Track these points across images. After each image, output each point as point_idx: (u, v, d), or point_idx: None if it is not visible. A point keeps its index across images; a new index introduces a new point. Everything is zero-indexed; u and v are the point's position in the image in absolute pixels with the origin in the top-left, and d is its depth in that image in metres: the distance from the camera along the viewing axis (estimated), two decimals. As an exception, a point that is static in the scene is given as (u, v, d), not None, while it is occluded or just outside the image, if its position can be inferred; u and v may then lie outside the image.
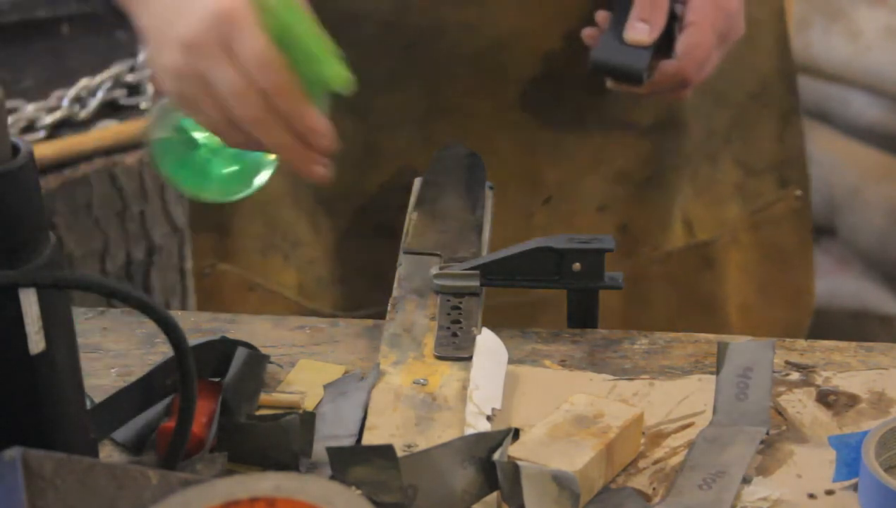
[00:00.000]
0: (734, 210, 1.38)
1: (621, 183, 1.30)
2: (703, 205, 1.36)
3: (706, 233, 1.36)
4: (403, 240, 1.12)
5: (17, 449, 0.73)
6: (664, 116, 1.29)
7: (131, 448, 0.94)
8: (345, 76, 0.99)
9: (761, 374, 0.98)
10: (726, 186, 1.37)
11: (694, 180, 1.35)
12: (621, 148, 1.28)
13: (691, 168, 1.34)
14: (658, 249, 1.34)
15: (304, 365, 1.03)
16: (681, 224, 1.34)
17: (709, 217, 1.37)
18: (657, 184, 1.32)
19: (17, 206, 0.78)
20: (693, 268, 1.36)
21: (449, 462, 0.83)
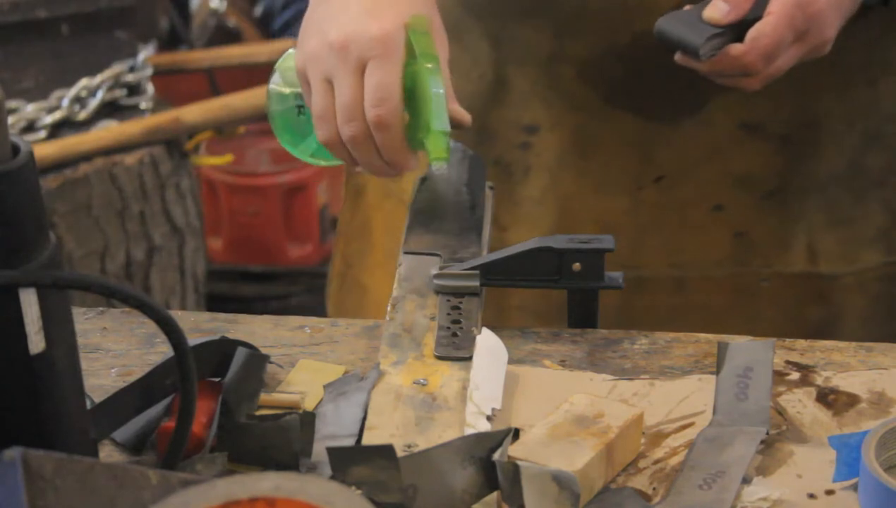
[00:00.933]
0: (872, 255, 1.33)
1: (742, 187, 1.27)
2: (836, 239, 1.32)
3: (831, 266, 1.32)
4: (403, 240, 1.12)
5: (17, 449, 0.73)
6: (795, 131, 1.26)
7: (131, 448, 0.94)
8: (442, 156, 1.04)
9: (761, 374, 0.98)
10: (869, 228, 1.33)
11: (830, 211, 1.30)
12: (743, 148, 1.26)
13: (827, 198, 1.30)
14: (771, 266, 1.31)
15: (304, 365, 1.03)
16: (804, 249, 1.31)
17: (839, 253, 1.32)
18: (782, 201, 1.28)
19: (17, 206, 0.78)
20: (806, 299, 1.32)
21: (449, 462, 0.83)
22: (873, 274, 1.34)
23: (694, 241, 1.28)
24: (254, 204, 2.80)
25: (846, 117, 1.27)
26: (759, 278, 1.30)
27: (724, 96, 1.23)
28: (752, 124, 1.25)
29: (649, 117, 1.24)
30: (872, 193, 1.32)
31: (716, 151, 1.26)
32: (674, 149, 1.25)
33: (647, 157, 1.26)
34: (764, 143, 1.26)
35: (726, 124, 1.24)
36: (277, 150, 2.90)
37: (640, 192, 1.26)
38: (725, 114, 1.24)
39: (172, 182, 2.25)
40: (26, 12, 2.15)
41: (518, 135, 1.27)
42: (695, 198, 1.27)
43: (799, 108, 1.25)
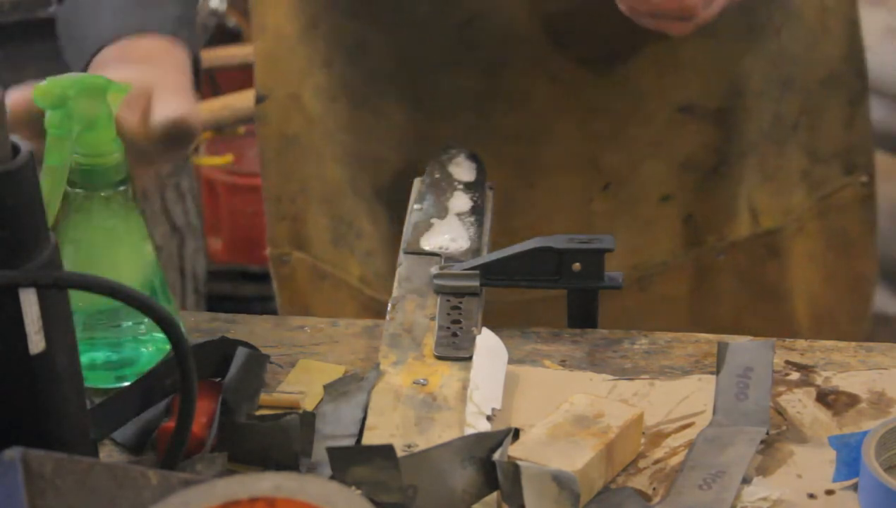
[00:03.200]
0: (800, 198, 1.36)
1: (686, 171, 1.28)
2: (769, 194, 1.34)
3: (772, 221, 1.34)
4: (403, 240, 1.12)
5: (17, 449, 0.73)
6: (729, 102, 1.27)
7: (131, 448, 0.94)
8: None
9: (761, 374, 0.98)
10: (792, 174, 1.35)
11: (761, 168, 1.32)
12: (684, 134, 1.26)
13: (758, 156, 1.31)
14: (723, 239, 1.32)
15: (304, 365, 1.03)
16: (746, 212, 1.32)
17: (775, 205, 1.34)
18: (724, 173, 1.29)
19: (17, 206, 0.77)
20: (759, 258, 1.34)
21: (449, 462, 0.83)
22: (807, 215, 1.36)
23: (647, 237, 1.28)
24: (254, 204, 2.79)
25: (763, 73, 1.27)
26: (715, 253, 1.31)
27: (659, 83, 1.22)
28: (688, 106, 1.25)
29: (593, 127, 1.24)
30: (790, 139, 1.34)
31: (658, 144, 1.26)
32: (617, 154, 1.25)
33: (592, 169, 1.25)
34: (701, 122, 1.26)
35: (664, 114, 1.24)
36: (277, 150, 2.90)
37: (591, 204, 1.26)
38: (661, 104, 1.24)
39: (172, 182, 2.25)
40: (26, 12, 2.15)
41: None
42: (643, 194, 1.27)
43: (726, 78, 1.25)
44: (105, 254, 1.02)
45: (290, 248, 1.42)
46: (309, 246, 1.41)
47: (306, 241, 1.41)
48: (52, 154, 0.96)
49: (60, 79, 0.97)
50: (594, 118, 1.24)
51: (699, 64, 1.22)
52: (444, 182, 1.17)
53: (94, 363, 1.02)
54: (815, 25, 1.32)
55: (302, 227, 1.41)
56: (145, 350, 1.03)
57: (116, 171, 1.00)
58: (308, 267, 1.42)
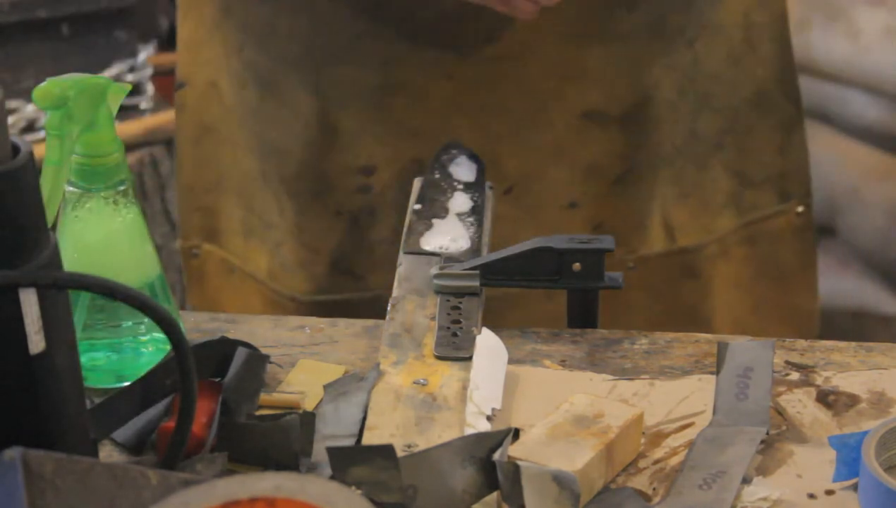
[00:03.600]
0: (726, 220, 1.34)
1: (592, 178, 1.27)
2: (688, 211, 1.32)
3: (689, 239, 1.32)
4: (403, 240, 1.12)
5: (17, 449, 0.73)
6: (633, 109, 1.25)
7: (131, 448, 0.94)
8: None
9: (761, 374, 0.98)
10: (717, 194, 1.33)
11: (677, 183, 1.31)
12: (587, 139, 1.25)
13: (673, 170, 1.30)
14: (634, 252, 1.30)
15: (304, 365, 1.03)
16: (660, 228, 1.31)
17: (694, 224, 1.32)
18: (632, 183, 1.28)
19: (17, 206, 0.78)
20: (674, 276, 1.32)
21: (449, 462, 0.83)
22: (733, 239, 1.34)
23: None
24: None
25: (675, 85, 1.26)
26: (626, 267, 1.30)
27: (560, 88, 1.22)
28: (590, 112, 1.24)
29: (489, 128, 1.23)
30: (713, 158, 1.31)
31: (560, 149, 1.25)
32: (517, 157, 1.24)
33: (492, 171, 1.24)
34: (605, 129, 1.25)
35: (566, 119, 1.23)
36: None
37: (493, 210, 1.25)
38: (563, 108, 1.23)
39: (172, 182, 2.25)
40: (26, 12, 2.15)
41: (355, 179, 1.25)
42: (547, 199, 1.26)
43: (631, 86, 1.24)
44: (105, 254, 1.02)
45: (200, 240, 1.41)
46: (220, 238, 1.40)
47: (218, 234, 1.40)
48: (52, 154, 0.97)
49: (60, 79, 0.97)
50: (490, 118, 1.23)
51: (602, 69, 1.21)
52: (444, 182, 1.17)
53: (94, 363, 1.02)
54: (738, 42, 1.30)
55: (214, 219, 1.40)
56: (145, 350, 1.03)
57: (116, 171, 1.00)
58: (217, 260, 1.41)
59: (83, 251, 1.00)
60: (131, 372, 1.00)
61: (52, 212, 0.97)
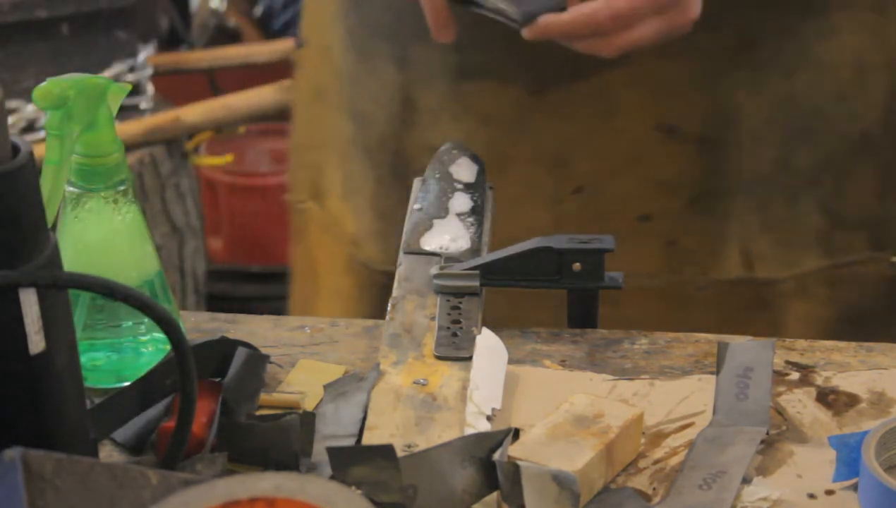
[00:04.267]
0: (811, 259, 1.30)
1: (666, 194, 1.25)
2: (771, 242, 1.29)
3: (769, 271, 1.29)
4: (403, 240, 1.12)
5: (17, 449, 0.73)
6: (711, 131, 1.24)
7: (131, 448, 0.94)
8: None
9: (761, 374, 0.98)
10: (806, 230, 1.29)
11: (762, 212, 1.28)
12: (662, 153, 1.24)
13: (757, 198, 1.27)
14: (706, 274, 1.28)
15: (304, 365, 1.03)
16: (738, 254, 1.28)
17: (776, 256, 1.29)
18: (708, 204, 1.26)
19: (17, 206, 0.78)
20: (746, 306, 1.29)
21: (449, 462, 0.83)
22: (815, 278, 1.30)
23: (623, 253, 1.25)
24: (254, 204, 2.80)
25: (764, 113, 1.24)
26: (696, 287, 1.28)
27: (637, 97, 1.21)
28: (666, 126, 1.23)
29: (562, 127, 1.22)
30: (806, 194, 1.28)
31: (634, 158, 1.23)
32: (591, 159, 1.23)
33: (563, 169, 1.24)
34: (682, 146, 1.24)
35: (641, 128, 1.22)
36: (277, 150, 2.91)
37: (561, 206, 1.24)
38: (639, 116, 1.22)
39: (172, 182, 2.25)
40: (26, 12, 2.14)
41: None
42: (618, 208, 1.25)
43: (711, 106, 1.22)
44: (105, 254, 1.02)
45: (305, 197, 1.45)
46: (322, 197, 1.44)
47: (321, 192, 1.44)
48: (52, 154, 0.97)
49: (60, 79, 0.97)
50: (565, 116, 1.22)
51: (680, 84, 1.19)
52: (444, 182, 1.17)
53: (94, 363, 1.02)
54: (847, 81, 1.27)
55: (319, 178, 1.43)
56: (145, 350, 1.03)
57: (116, 171, 1.00)
58: (317, 217, 1.44)
59: (83, 251, 1.00)
60: (131, 372, 1.00)
61: (52, 212, 0.97)
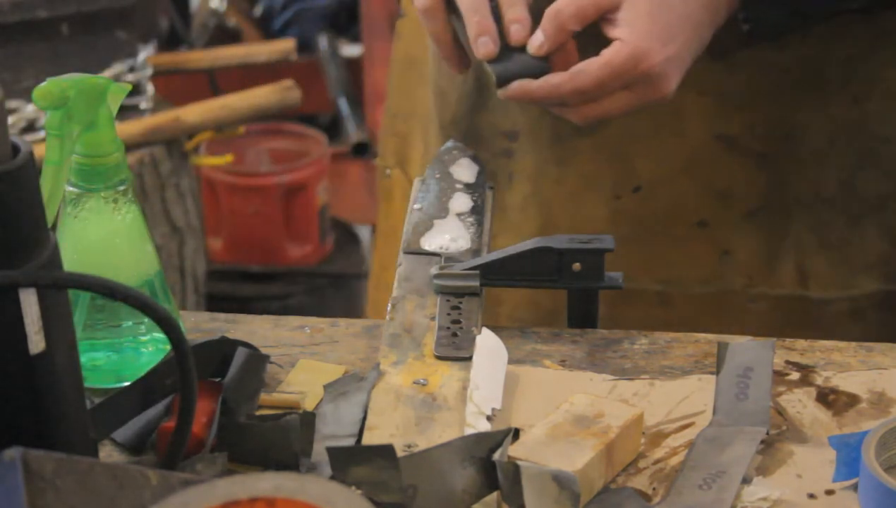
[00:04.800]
0: (869, 282, 1.30)
1: (723, 203, 1.26)
2: (828, 263, 1.29)
3: (823, 291, 1.29)
4: (403, 240, 1.12)
5: (17, 449, 0.73)
6: (773, 146, 1.24)
7: (131, 448, 0.94)
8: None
9: (761, 374, 0.98)
10: (866, 254, 1.29)
11: (821, 232, 1.28)
12: (721, 162, 1.24)
13: (817, 218, 1.27)
14: (758, 287, 1.28)
15: (304, 365, 1.03)
16: (793, 271, 1.28)
17: (832, 276, 1.29)
18: (765, 218, 1.26)
19: (17, 206, 0.78)
20: (797, 323, 1.28)
21: (449, 462, 0.83)
22: (869, 301, 1.30)
23: (678, 257, 1.26)
24: (254, 204, 2.80)
25: (828, 134, 1.24)
26: (747, 298, 1.28)
27: (700, 104, 1.21)
28: (727, 136, 1.23)
29: (626, 122, 1.22)
30: (869, 218, 1.28)
31: (693, 163, 1.24)
32: (651, 159, 1.24)
33: (624, 166, 1.24)
34: (742, 158, 1.24)
35: (701, 135, 1.22)
36: (277, 150, 2.91)
37: (619, 202, 1.24)
38: (700, 123, 1.22)
39: (172, 182, 2.25)
40: (26, 12, 2.14)
41: (501, 141, 1.26)
42: (676, 211, 1.25)
43: (774, 122, 1.22)
44: (105, 254, 1.02)
45: (393, 162, 1.47)
46: (407, 165, 1.46)
47: (407, 161, 1.46)
48: (51, 154, 0.97)
49: (60, 79, 0.97)
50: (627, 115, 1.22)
51: (741, 96, 1.19)
52: (444, 182, 1.17)
53: (94, 363, 1.02)
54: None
55: (406, 146, 1.45)
56: (145, 350, 1.03)
57: (116, 171, 1.00)
58: (403, 184, 1.45)
59: (83, 251, 1.00)
60: (131, 372, 1.00)
61: (52, 212, 0.97)
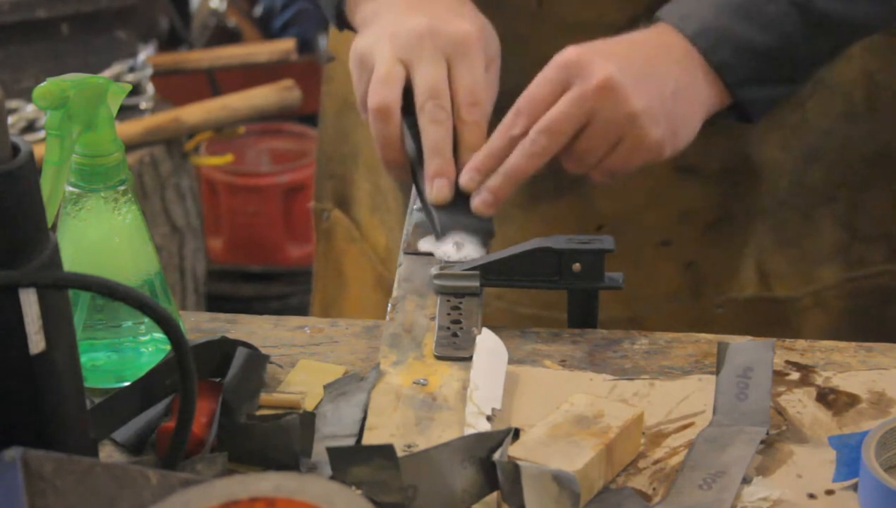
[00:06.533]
0: (829, 272, 1.31)
1: (685, 222, 1.26)
2: (788, 261, 1.30)
3: (786, 289, 1.30)
4: (403, 241, 1.12)
5: (17, 449, 0.73)
6: (731, 166, 1.25)
7: (131, 448, 0.94)
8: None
9: (761, 374, 0.98)
10: (822, 245, 1.31)
11: (778, 232, 1.29)
12: (683, 188, 1.25)
13: (774, 219, 1.29)
14: (723, 293, 1.29)
15: (304, 365, 1.03)
16: (754, 273, 1.29)
17: (793, 274, 1.30)
18: (726, 229, 1.27)
19: (17, 206, 0.78)
20: (764, 322, 1.30)
21: (449, 462, 0.83)
22: (833, 292, 1.32)
23: (644, 278, 1.25)
24: (254, 204, 2.80)
25: (779, 142, 1.25)
26: (715, 305, 1.29)
27: None
28: (687, 167, 1.23)
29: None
30: (821, 210, 1.29)
31: (655, 196, 1.24)
32: (613, 199, 1.24)
33: (586, 207, 1.24)
34: (701, 182, 1.24)
35: (661, 169, 1.22)
36: (277, 150, 2.91)
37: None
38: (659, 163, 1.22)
39: (172, 182, 2.25)
40: (26, 12, 2.15)
41: None
42: (639, 239, 1.25)
43: (731, 147, 1.23)
44: (105, 254, 1.02)
45: (332, 205, 1.46)
46: (350, 207, 1.45)
47: (348, 202, 1.45)
48: (51, 154, 0.97)
49: (60, 79, 0.97)
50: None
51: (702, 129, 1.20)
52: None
53: (94, 363, 1.02)
54: (858, 101, 1.28)
55: (346, 188, 1.45)
56: (145, 350, 1.04)
57: (116, 171, 1.00)
58: (344, 227, 1.45)
59: (83, 251, 1.00)
60: (131, 372, 1.00)
61: (52, 212, 0.97)
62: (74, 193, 1.00)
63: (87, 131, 0.98)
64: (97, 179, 1.00)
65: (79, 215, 1.00)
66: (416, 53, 1.10)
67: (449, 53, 1.10)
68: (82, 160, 0.99)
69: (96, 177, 0.99)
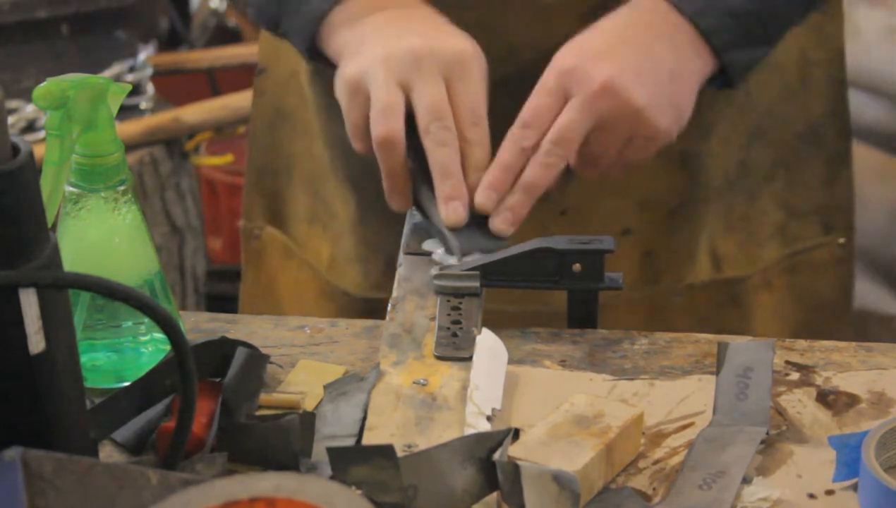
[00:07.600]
0: (771, 251, 1.34)
1: (648, 209, 1.27)
2: (736, 243, 1.32)
3: (735, 270, 1.32)
4: (403, 242, 1.12)
5: (17, 449, 0.73)
6: (695, 145, 1.26)
7: (131, 448, 0.94)
8: None
9: (761, 374, 0.98)
10: (765, 226, 1.33)
11: (726, 215, 1.31)
12: (646, 173, 1.25)
13: (723, 202, 1.30)
14: (680, 281, 1.31)
15: (304, 365, 1.03)
16: (707, 257, 1.31)
17: (741, 255, 1.33)
18: (685, 215, 1.29)
19: (17, 206, 0.78)
20: (717, 304, 1.32)
21: (449, 462, 0.83)
22: (776, 268, 1.34)
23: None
24: (254, 204, 2.79)
25: (729, 119, 1.26)
26: (673, 294, 1.30)
27: None
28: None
29: None
30: (763, 191, 1.32)
31: (617, 183, 1.24)
32: (576, 188, 1.24)
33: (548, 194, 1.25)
34: (665, 164, 1.25)
35: None
36: (277, 150, 2.90)
37: (547, 229, 1.24)
38: None
39: (172, 182, 2.25)
40: (26, 12, 2.15)
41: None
42: (602, 226, 1.25)
43: (689, 129, 1.24)
44: (105, 254, 1.02)
45: (263, 223, 1.43)
46: (284, 223, 1.42)
47: (282, 218, 1.42)
48: (51, 154, 0.97)
49: (60, 79, 0.97)
50: None
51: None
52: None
53: (94, 363, 1.02)
54: (794, 79, 1.31)
55: (280, 204, 1.42)
56: (145, 350, 1.04)
57: (116, 171, 1.00)
58: (278, 243, 1.42)
59: (83, 251, 1.00)
60: (131, 372, 1.00)
61: (52, 212, 0.97)
62: (74, 193, 1.00)
63: (87, 131, 0.98)
64: (97, 179, 1.00)
65: (79, 215, 1.00)
66: (415, 74, 1.09)
67: (447, 72, 1.10)
68: (82, 160, 0.99)
69: (96, 177, 0.99)
